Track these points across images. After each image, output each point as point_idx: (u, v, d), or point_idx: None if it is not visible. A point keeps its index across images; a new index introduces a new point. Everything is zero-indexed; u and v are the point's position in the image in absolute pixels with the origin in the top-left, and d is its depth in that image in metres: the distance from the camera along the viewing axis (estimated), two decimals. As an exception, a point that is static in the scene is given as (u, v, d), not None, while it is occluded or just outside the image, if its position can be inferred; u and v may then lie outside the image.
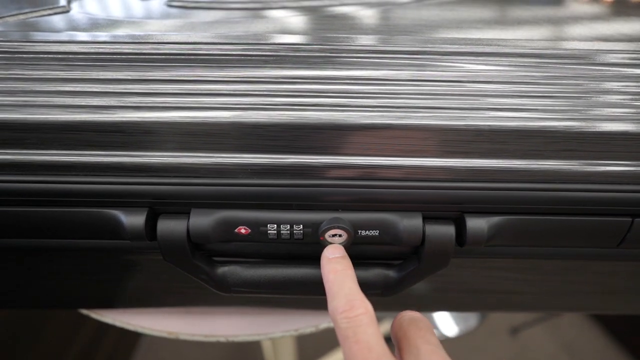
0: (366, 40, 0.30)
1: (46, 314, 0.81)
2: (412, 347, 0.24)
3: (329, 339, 1.10)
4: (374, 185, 0.28)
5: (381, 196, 0.28)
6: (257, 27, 0.33)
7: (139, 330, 0.42)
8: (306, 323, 0.42)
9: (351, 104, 0.27)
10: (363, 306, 0.23)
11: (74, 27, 0.32)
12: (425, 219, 0.29)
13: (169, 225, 0.28)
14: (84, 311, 0.42)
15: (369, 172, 0.27)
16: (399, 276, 0.31)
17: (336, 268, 0.26)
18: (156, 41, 0.29)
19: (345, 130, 0.26)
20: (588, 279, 0.37)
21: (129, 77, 0.27)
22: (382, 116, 0.26)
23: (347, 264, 0.27)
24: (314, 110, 0.26)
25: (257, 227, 0.28)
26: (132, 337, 1.15)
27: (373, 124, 0.26)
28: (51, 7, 0.37)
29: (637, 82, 0.28)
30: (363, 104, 0.27)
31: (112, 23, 0.33)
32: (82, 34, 0.30)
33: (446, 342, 1.17)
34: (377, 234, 0.29)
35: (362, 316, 0.23)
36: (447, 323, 1.20)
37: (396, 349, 0.25)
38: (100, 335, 0.97)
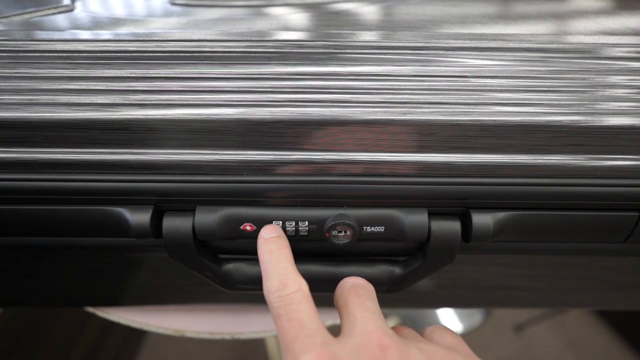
0: (369, 36, 0.30)
1: (51, 312, 0.81)
2: (349, 315, 0.23)
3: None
4: (379, 181, 0.27)
5: (386, 192, 0.28)
6: (260, 24, 0.33)
7: (145, 328, 0.42)
8: (311, 320, 0.42)
9: (355, 100, 0.27)
10: (296, 284, 0.23)
11: (78, 26, 0.32)
12: (431, 215, 0.29)
13: (174, 223, 0.28)
14: (90, 309, 0.42)
15: (374, 168, 0.27)
16: (404, 272, 0.31)
17: (271, 248, 0.26)
18: (160, 39, 0.29)
19: (349, 126, 0.26)
20: (594, 274, 0.37)
21: (133, 75, 0.27)
22: (386, 112, 0.26)
23: (283, 243, 0.26)
24: (318, 107, 0.26)
25: (263, 224, 0.28)
26: (137, 336, 1.15)
27: (377, 119, 0.26)
28: (55, 6, 0.37)
29: (643, 75, 0.28)
30: (367, 100, 0.27)
31: (115, 21, 0.33)
32: (85, 33, 0.30)
33: (450, 340, 1.17)
34: (382, 230, 0.29)
35: (295, 294, 0.22)
36: (451, 320, 1.20)
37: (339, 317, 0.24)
38: (105, 334, 0.97)
